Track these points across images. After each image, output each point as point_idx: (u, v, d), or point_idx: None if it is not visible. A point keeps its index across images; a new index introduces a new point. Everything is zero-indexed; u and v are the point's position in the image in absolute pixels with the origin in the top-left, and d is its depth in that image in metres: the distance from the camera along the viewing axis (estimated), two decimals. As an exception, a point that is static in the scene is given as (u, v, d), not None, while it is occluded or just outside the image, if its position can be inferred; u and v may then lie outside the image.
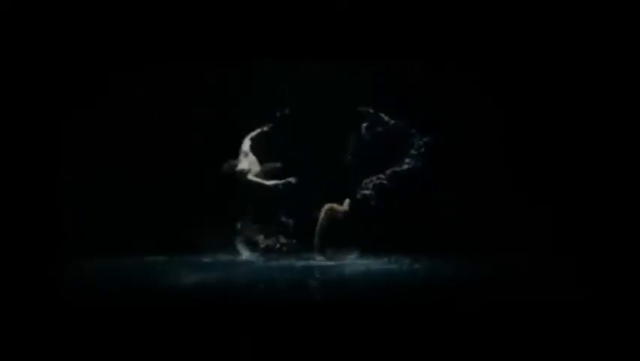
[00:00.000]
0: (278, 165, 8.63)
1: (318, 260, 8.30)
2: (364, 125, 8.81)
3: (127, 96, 8.85)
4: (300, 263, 8.18)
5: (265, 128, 8.60)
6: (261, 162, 8.64)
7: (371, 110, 8.80)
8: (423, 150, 8.76)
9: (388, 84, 8.98)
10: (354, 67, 8.86)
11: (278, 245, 8.67)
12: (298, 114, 8.81)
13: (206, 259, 8.37)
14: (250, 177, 8.50)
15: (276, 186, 8.45)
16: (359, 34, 7.84)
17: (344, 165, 8.80)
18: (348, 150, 8.79)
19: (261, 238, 8.68)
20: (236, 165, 8.51)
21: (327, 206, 8.54)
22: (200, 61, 8.41)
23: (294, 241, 8.68)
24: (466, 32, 7.85)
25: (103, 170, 8.85)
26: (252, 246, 8.66)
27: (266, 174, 8.59)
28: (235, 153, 8.61)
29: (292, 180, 8.41)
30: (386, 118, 8.77)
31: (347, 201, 8.62)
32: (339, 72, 8.96)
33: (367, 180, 8.78)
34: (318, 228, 8.48)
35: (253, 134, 8.61)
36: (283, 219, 8.72)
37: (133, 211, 8.70)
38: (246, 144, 8.55)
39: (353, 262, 8.09)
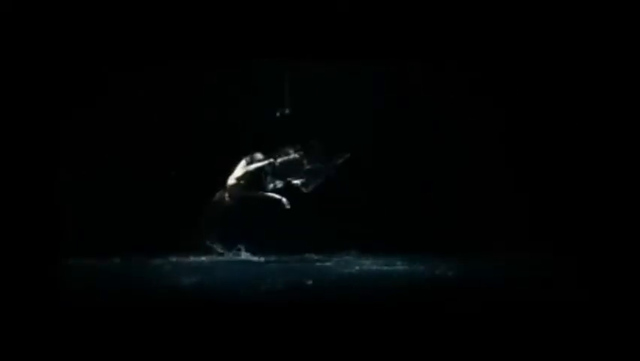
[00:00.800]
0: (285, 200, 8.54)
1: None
2: None
3: (127, 96, 8.86)
4: (299, 263, 8.19)
5: (265, 162, 8.53)
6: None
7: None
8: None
9: (388, 84, 8.99)
10: (354, 67, 8.87)
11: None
12: (298, 114, 8.82)
13: (205, 259, 8.37)
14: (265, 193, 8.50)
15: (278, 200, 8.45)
16: (359, 34, 7.84)
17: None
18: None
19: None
20: (224, 198, 8.47)
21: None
22: (200, 61, 8.41)
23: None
24: (466, 32, 7.85)
25: (103, 170, 8.86)
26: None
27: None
28: (234, 153, 8.62)
29: (285, 203, 8.39)
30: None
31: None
32: (339, 72, 8.97)
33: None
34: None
35: (253, 167, 8.51)
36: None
37: (133, 211, 8.71)
38: (239, 171, 8.50)
39: (352, 262, 8.08)
